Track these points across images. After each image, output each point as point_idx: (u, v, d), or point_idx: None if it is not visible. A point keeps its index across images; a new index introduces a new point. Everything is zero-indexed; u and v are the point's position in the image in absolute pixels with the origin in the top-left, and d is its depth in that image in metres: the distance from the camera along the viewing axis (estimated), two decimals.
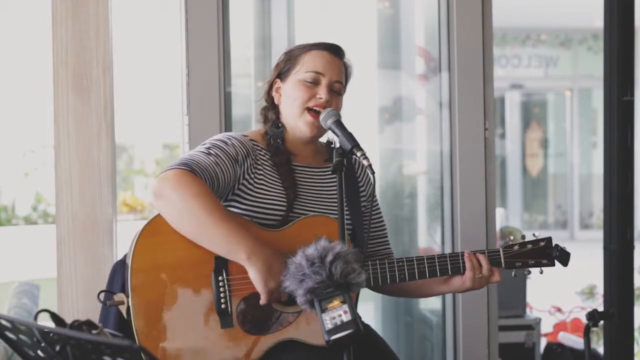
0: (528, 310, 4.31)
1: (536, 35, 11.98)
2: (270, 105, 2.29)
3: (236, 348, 2.03)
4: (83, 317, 1.60)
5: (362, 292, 2.20)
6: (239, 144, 2.16)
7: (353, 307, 1.78)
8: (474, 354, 3.15)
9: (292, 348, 2.07)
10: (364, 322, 2.16)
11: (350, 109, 2.32)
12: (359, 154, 2.04)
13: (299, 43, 2.32)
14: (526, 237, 2.29)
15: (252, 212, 2.13)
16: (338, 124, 2.13)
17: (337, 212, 2.17)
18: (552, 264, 2.27)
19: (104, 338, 1.42)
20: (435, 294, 2.37)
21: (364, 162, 2.03)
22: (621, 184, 3.20)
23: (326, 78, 2.20)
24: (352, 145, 2.05)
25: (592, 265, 4.41)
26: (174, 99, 3.10)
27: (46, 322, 1.60)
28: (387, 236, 2.39)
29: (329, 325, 1.76)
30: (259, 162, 2.19)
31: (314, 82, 2.20)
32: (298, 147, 2.25)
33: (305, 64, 2.21)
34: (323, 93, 2.19)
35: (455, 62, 3.14)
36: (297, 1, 3.54)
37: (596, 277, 3.97)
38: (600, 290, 4.34)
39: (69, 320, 1.57)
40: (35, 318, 1.64)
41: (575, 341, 4.29)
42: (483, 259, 2.20)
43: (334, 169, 2.02)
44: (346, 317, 1.76)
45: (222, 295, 2.02)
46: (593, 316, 2.49)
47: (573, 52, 12.14)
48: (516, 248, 2.24)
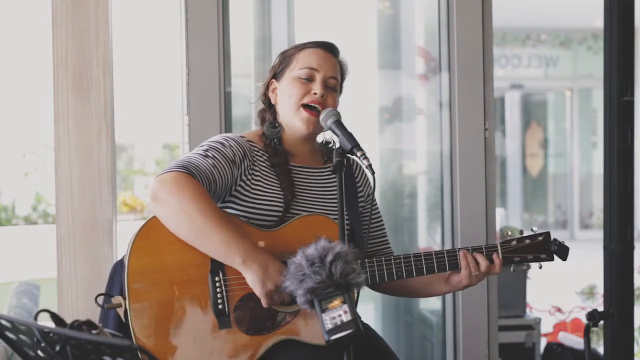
0: (528, 310, 4.31)
1: (536, 35, 11.98)
2: (267, 106, 2.29)
3: (235, 349, 2.03)
4: (83, 317, 1.60)
5: (362, 292, 2.20)
6: (237, 145, 2.16)
7: (353, 307, 1.78)
8: (474, 354, 3.15)
9: (291, 348, 2.07)
10: (364, 322, 2.16)
11: (350, 109, 2.32)
12: (359, 154, 2.04)
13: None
14: (525, 233, 2.27)
15: (249, 213, 2.13)
16: (338, 124, 2.13)
17: (334, 212, 2.18)
18: (551, 259, 2.25)
19: (104, 338, 1.42)
20: (436, 294, 2.36)
21: (364, 162, 2.03)
22: (621, 184, 3.20)
23: (320, 74, 2.20)
24: (352, 145, 2.05)
25: (592, 265, 4.41)
26: (174, 99, 3.10)
27: (46, 322, 1.60)
28: (387, 235, 2.39)
29: (329, 325, 1.76)
30: (256, 163, 2.19)
31: (308, 79, 2.20)
32: (295, 147, 2.25)
33: (299, 61, 2.22)
34: (318, 88, 2.19)
35: (455, 62, 3.14)
36: (297, 1, 3.54)
37: (596, 277, 3.97)
38: (600, 290, 4.34)
39: (69, 320, 1.57)
40: (35, 318, 1.64)
41: (575, 341, 4.29)
42: (480, 257, 2.19)
43: (333, 169, 2.02)
44: (346, 317, 1.76)
45: (219, 296, 2.02)
46: (593, 316, 2.49)
47: (573, 52, 12.14)
48: (514, 243, 2.24)
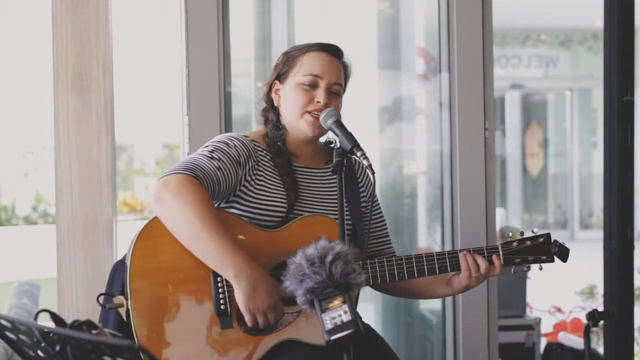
0: (528, 310, 4.31)
1: (536, 35, 11.98)
2: (270, 107, 2.29)
3: (236, 349, 2.03)
4: (83, 317, 1.60)
5: (362, 292, 2.20)
6: (241, 145, 2.16)
7: (353, 307, 1.78)
8: (474, 354, 3.15)
9: (292, 348, 2.07)
10: (364, 322, 2.16)
11: (350, 109, 2.32)
12: (359, 154, 2.04)
13: (299, 43, 2.31)
14: (525, 234, 2.28)
15: (252, 213, 2.13)
16: (338, 124, 2.12)
17: (336, 213, 2.17)
18: (552, 260, 2.26)
19: (104, 338, 1.42)
20: (437, 296, 2.36)
21: (364, 162, 2.03)
22: (621, 184, 3.20)
23: (324, 81, 2.19)
24: (352, 145, 2.05)
25: (592, 265, 4.41)
26: (174, 99, 3.10)
27: (46, 322, 1.60)
28: (389, 235, 2.38)
29: (329, 325, 1.76)
30: (260, 163, 2.19)
31: (312, 85, 2.19)
32: (299, 148, 2.25)
33: (303, 67, 2.20)
34: (321, 97, 2.18)
35: (455, 62, 3.14)
36: (297, 1, 3.54)
37: (596, 277, 3.97)
38: (600, 290, 4.34)
39: (69, 320, 1.57)
40: (35, 318, 1.64)
41: (575, 341, 4.29)
42: (480, 259, 2.20)
43: (334, 169, 2.02)
44: (346, 317, 1.76)
45: (221, 296, 2.02)
46: (593, 316, 2.49)
47: (573, 52, 12.14)
48: (515, 244, 2.24)
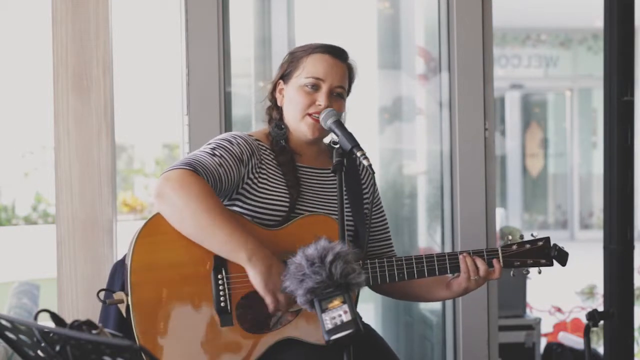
0: (528, 310, 4.31)
1: (536, 35, 11.98)
2: (274, 105, 2.29)
3: (236, 347, 2.03)
4: (83, 317, 1.60)
5: (362, 292, 2.20)
6: (244, 143, 2.16)
7: (353, 307, 1.78)
8: (474, 354, 3.15)
9: (292, 347, 2.07)
10: (364, 322, 2.16)
11: (350, 109, 2.32)
12: (359, 154, 2.04)
13: (299, 43, 2.31)
14: (525, 237, 2.28)
15: (254, 212, 2.14)
16: (338, 124, 2.13)
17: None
18: (551, 264, 2.27)
19: (104, 338, 1.42)
20: (436, 299, 2.37)
21: (364, 162, 2.03)
22: (621, 184, 3.20)
23: (326, 84, 2.19)
24: (352, 145, 2.06)
25: (592, 265, 4.41)
26: (174, 99, 3.10)
27: (46, 322, 1.60)
28: (391, 238, 2.38)
29: (329, 325, 1.76)
30: (263, 162, 2.19)
31: (314, 88, 2.19)
32: (302, 147, 2.25)
33: (306, 69, 2.20)
34: (322, 100, 2.18)
35: (455, 62, 3.14)
36: (297, 1, 3.53)
37: (596, 277, 3.97)
38: (600, 290, 4.34)
39: (69, 320, 1.57)
40: (35, 318, 1.64)
41: (575, 341, 4.29)
42: (479, 262, 2.20)
43: (334, 169, 2.02)
44: (346, 317, 1.76)
45: (221, 293, 2.02)
46: (593, 316, 2.49)
47: (573, 52, 12.14)
48: (515, 247, 2.24)
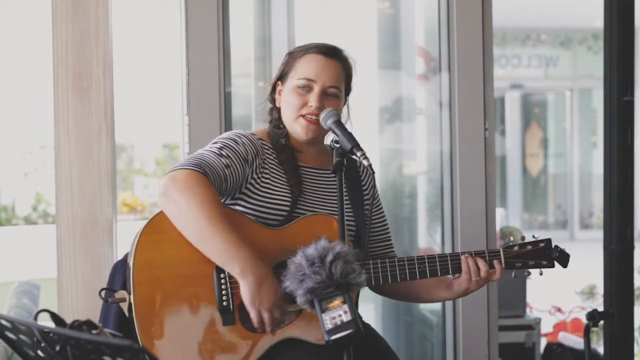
0: (528, 310, 4.31)
1: (536, 35, 11.98)
2: (274, 106, 2.29)
3: (238, 346, 2.03)
4: (83, 317, 1.60)
5: (362, 292, 2.20)
6: (249, 143, 2.16)
7: (353, 307, 1.78)
8: (474, 354, 3.15)
9: (293, 346, 2.07)
10: (364, 322, 2.16)
11: (350, 109, 2.32)
12: (358, 154, 2.04)
13: (299, 43, 2.31)
14: (526, 238, 2.29)
15: (257, 211, 2.14)
16: (338, 124, 2.12)
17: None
18: (552, 265, 2.27)
19: (104, 338, 1.42)
20: (437, 300, 2.37)
21: (364, 162, 2.03)
22: (621, 184, 3.20)
23: (318, 84, 2.18)
24: (352, 145, 2.05)
25: (592, 265, 4.41)
26: (174, 99, 3.10)
27: (46, 322, 1.60)
28: (391, 239, 2.38)
29: (329, 325, 1.76)
30: (266, 161, 2.19)
31: (306, 89, 2.19)
32: (302, 146, 2.25)
33: (299, 70, 2.20)
34: (314, 100, 2.17)
35: (455, 62, 3.14)
36: (297, 1, 3.53)
37: (596, 277, 3.97)
38: (600, 290, 4.34)
39: (69, 320, 1.57)
40: (35, 318, 1.64)
41: (575, 341, 4.29)
42: (481, 262, 2.20)
43: (334, 169, 2.02)
44: (346, 317, 1.76)
45: (224, 292, 2.02)
46: (593, 316, 2.49)
47: (573, 52, 12.15)
48: (516, 249, 2.24)
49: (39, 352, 1.51)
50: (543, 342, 4.33)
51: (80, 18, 2.74)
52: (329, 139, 2.29)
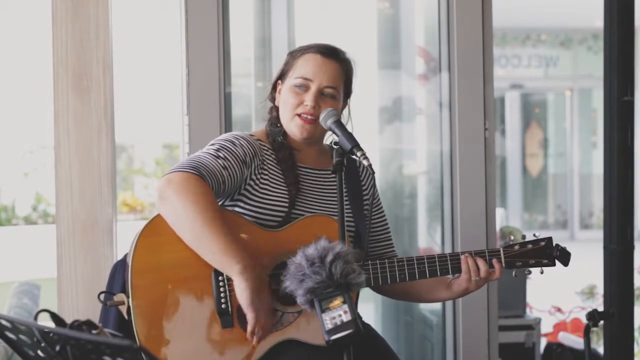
0: (528, 310, 4.31)
1: (536, 35, 11.98)
2: (274, 105, 2.29)
3: (237, 348, 2.03)
4: (83, 317, 1.60)
5: (362, 292, 2.20)
6: (247, 144, 2.16)
7: (353, 307, 1.78)
8: (474, 354, 3.15)
9: (293, 348, 2.07)
10: (364, 322, 2.16)
11: (350, 109, 2.32)
12: (358, 154, 2.04)
13: (299, 43, 2.31)
14: (526, 237, 2.28)
15: (255, 212, 2.14)
16: (338, 124, 2.12)
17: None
18: (553, 264, 2.27)
19: (104, 338, 1.42)
20: (437, 300, 2.37)
21: (364, 162, 2.02)
22: (621, 184, 3.20)
23: (315, 84, 2.18)
24: (352, 145, 2.05)
25: (592, 265, 4.41)
26: (174, 99, 3.10)
27: (46, 322, 1.60)
28: (392, 238, 2.38)
29: (329, 325, 1.76)
30: (265, 162, 2.19)
31: (302, 88, 2.19)
32: (300, 145, 2.25)
33: (297, 69, 2.20)
34: (309, 100, 2.17)
35: (455, 62, 3.14)
36: (297, 1, 3.53)
37: (596, 277, 3.97)
38: (600, 290, 4.34)
39: (69, 320, 1.57)
40: (35, 318, 1.64)
41: (575, 341, 4.29)
42: (481, 262, 2.20)
43: (334, 169, 2.02)
44: (346, 317, 1.76)
45: (222, 295, 2.02)
46: (593, 316, 2.49)
47: (573, 52, 12.15)
48: (517, 248, 2.24)
49: (39, 352, 1.51)
50: (543, 342, 4.33)
51: (80, 18, 2.74)
52: (329, 139, 2.29)
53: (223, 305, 2.02)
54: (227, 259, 1.98)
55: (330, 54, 2.22)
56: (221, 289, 2.02)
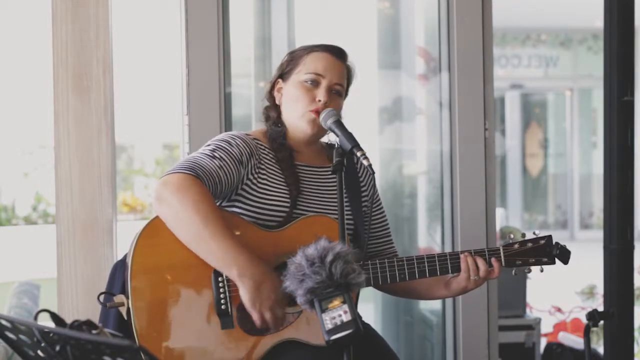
0: (528, 310, 4.31)
1: (536, 35, 11.98)
2: (272, 105, 2.29)
3: (237, 349, 2.03)
4: (83, 317, 1.60)
5: (362, 292, 2.20)
6: (243, 143, 2.16)
7: (353, 307, 1.78)
8: (474, 354, 3.15)
9: (293, 348, 2.07)
10: (364, 322, 2.16)
11: (350, 109, 2.32)
12: (359, 154, 2.04)
13: (299, 43, 2.32)
14: (527, 236, 2.28)
15: (255, 212, 2.13)
16: (338, 124, 2.13)
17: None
18: (553, 262, 2.26)
19: (104, 338, 1.42)
20: (436, 297, 2.37)
21: (364, 162, 2.03)
22: (621, 184, 3.20)
23: (326, 80, 2.20)
24: (352, 145, 2.06)
25: (592, 265, 4.41)
26: (174, 99, 3.10)
27: (46, 322, 1.60)
28: (391, 235, 2.38)
29: (329, 325, 1.76)
30: (262, 161, 2.19)
31: (314, 84, 2.20)
32: (300, 146, 2.25)
33: (306, 65, 2.21)
34: (322, 95, 2.18)
35: (455, 62, 3.14)
36: (297, 1, 3.54)
37: (596, 277, 3.97)
38: (600, 290, 4.35)
39: (69, 320, 1.57)
40: (35, 318, 1.64)
41: (575, 341, 4.30)
42: (480, 261, 2.20)
43: (334, 169, 2.02)
44: (346, 317, 1.76)
45: (222, 296, 2.02)
46: (593, 316, 2.49)
47: (573, 52, 12.14)
48: (516, 246, 2.24)
49: (39, 352, 1.51)
50: (543, 342, 4.33)
51: (80, 18, 2.74)
52: (325, 138, 2.30)
53: (223, 306, 2.02)
54: (225, 261, 1.98)
55: (339, 54, 2.25)
56: (221, 290, 2.02)
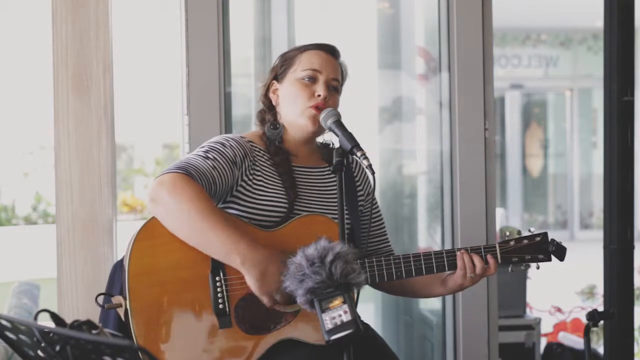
0: (528, 310, 4.31)
1: (536, 35, 11.98)
2: (268, 108, 2.29)
3: (235, 348, 2.03)
4: (83, 317, 1.60)
5: (362, 292, 2.20)
6: (237, 145, 2.16)
7: (353, 307, 1.78)
8: (474, 354, 3.15)
9: (292, 347, 2.07)
10: (364, 322, 2.16)
11: (350, 109, 2.32)
12: (359, 154, 2.04)
13: (299, 43, 2.32)
14: (522, 233, 2.28)
15: (251, 214, 2.13)
16: (338, 124, 2.13)
17: (335, 212, 2.18)
18: (549, 259, 2.26)
19: (104, 338, 1.42)
20: (433, 295, 2.37)
21: (364, 162, 2.03)
22: (621, 184, 3.20)
23: (323, 75, 2.21)
24: (352, 145, 2.06)
25: (592, 265, 4.42)
26: (174, 99, 3.10)
27: (46, 322, 1.60)
28: (387, 234, 2.39)
29: (329, 325, 1.76)
30: (257, 163, 2.19)
31: (311, 80, 2.21)
32: (296, 147, 2.26)
33: (302, 63, 2.22)
34: (321, 90, 2.19)
35: (455, 62, 3.14)
36: (297, 1, 3.54)
37: (596, 277, 3.98)
38: (600, 290, 4.35)
39: (69, 320, 1.57)
40: (35, 318, 1.64)
41: (575, 341, 4.30)
42: (476, 259, 2.20)
43: (333, 169, 2.02)
44: (346, 317, 1.76)
45: (219, 295, 2.02)
46: (593, 316, 2.49)
47: (573, 52, 12.15)
48: (512, 243, 2.24)
49: (39, 352, 1.51)
50: (543, 342, 4.33)
51: (80, 18, 2.74)
52: (320, 138, 2.31)
53: (220, 306, 2.02)
54: (227, 251, 1.98)
55: (332, 51, 2.26)
56: (218, 290, 2.02)
